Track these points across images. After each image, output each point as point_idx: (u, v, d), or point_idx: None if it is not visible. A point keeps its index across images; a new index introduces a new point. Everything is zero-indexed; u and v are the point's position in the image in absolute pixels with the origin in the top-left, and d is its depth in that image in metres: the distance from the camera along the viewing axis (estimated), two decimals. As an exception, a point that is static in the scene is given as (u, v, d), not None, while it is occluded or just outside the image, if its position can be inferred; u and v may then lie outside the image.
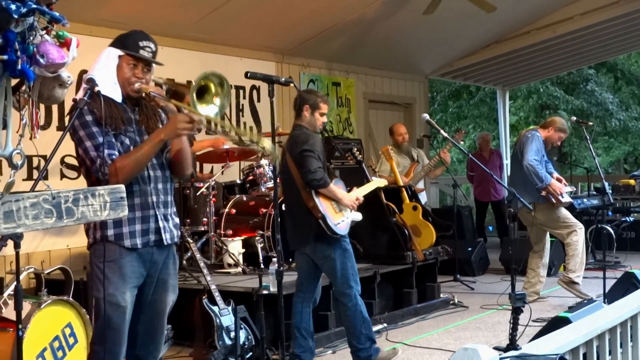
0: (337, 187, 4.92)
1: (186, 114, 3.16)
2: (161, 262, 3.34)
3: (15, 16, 1.74)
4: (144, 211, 3.26)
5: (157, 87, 3.34)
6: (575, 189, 7.95)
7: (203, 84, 3.09)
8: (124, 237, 3.20)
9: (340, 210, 4.90)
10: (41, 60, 1.89)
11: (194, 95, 3.04)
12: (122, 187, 2.21)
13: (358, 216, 5.09)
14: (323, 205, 4.78)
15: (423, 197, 8.09)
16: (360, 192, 5.12)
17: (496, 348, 4.91)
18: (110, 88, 3.20)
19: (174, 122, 3.19)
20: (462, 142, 9.40)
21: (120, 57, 3.27)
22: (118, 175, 3.08)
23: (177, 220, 3.45)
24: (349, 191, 5.11)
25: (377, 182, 5.68)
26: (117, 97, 3.23)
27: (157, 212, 3.30)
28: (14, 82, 1.89)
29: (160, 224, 3.31)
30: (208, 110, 3.11)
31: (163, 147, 3.33)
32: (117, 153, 3.16)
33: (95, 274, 3.20)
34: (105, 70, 3.23)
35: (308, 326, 4.93)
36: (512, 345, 4.51)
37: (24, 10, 1.76)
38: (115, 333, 3.15)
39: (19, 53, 1.83)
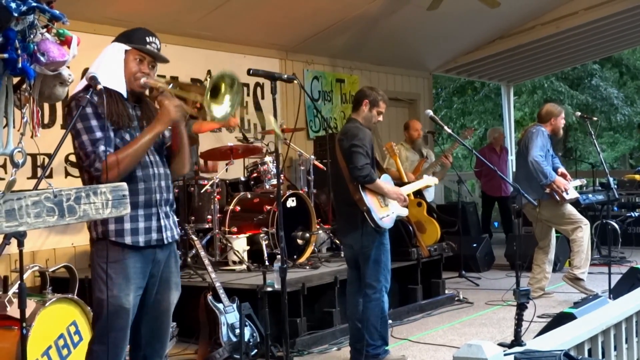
0: (383, 183, 4.95)
1: (173, 97, 3.14)
2: (163, 261, 3.30)
3: (16, 14, 1.74)
4: (147, 209, 3.21)
5: (164, 83, 3.29)
6: (585, 182, 7.89)
7: (216, 83, 3.08)
8: (124, 234, 3.14)
9: (386, 205, 4.94)
10: (42, 58, 1.89)
11: (208, 93, 3.04)
12: (124, 185, 2.20)
13: (404, 212, 5.12)
14: (369, 198, 4.82)
15: (429, 195, 8.08)
16: (406, 189, 5.16)
17: (501, 344, 4.90)
18: (117, 82, 3.16)
19: (166, 109, 3.14)
20: (468, 138, 9.39)
21: (126, 51, 3.22)
22: (113, 170, 3.01)
23: (176, 218, 3.43)
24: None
25: (427, 180, 5.68)
26: (122, 92, 3.19)
27: (160, 210, 3.26)
28: (14, 80, 1.89)
29: (162, 222, 3.27)
30: (220, 108, 3.11)
31: (162, 142, 3.31)
32: (112, 150, 3.09)
33: (97, 273, 3.14)
34: (113, 64, 3.18)
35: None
36: (517, 341, 4.49)
37: (24, 8, 1.76)
38: (118, 334, 3.11)
39: (19, 51, 1.83)
